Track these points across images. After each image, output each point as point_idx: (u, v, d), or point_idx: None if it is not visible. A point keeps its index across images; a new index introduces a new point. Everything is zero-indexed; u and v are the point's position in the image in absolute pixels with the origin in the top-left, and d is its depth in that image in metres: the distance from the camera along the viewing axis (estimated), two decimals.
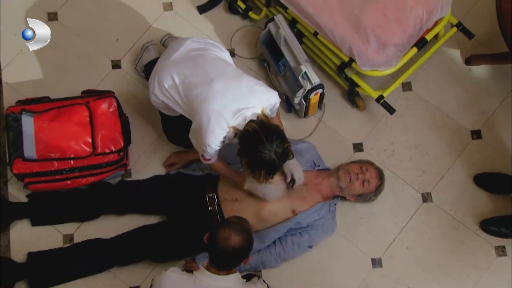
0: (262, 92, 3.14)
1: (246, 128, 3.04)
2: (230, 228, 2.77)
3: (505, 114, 3.80)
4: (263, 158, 2.92)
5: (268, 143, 2.93)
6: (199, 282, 2.82)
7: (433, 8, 3.41)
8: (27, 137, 3.42)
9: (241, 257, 2.86)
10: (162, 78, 3.26)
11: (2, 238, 3.54)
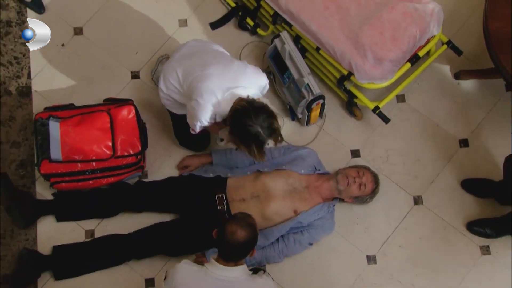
0: (251, 73, 3.21)
1: (236, 105, 3.06)
2: (236, 223, 2.79)
3: (490, 124, 3.81)
4: (250, 131, 2.94)
5: (254, 118, 2.94)
6: (210, 273, 2.84)
7: (426, 27, 3.44)
8: (53, 140, 3.44)
9: (247, 249, 2.87)
10: (167, 74, 3.32)
11: (30, 233, 3.56)
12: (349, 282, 3.57)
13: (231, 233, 2.78)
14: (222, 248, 2.88)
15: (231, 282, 2.86)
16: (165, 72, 3.38)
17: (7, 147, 3.72)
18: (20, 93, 3.89)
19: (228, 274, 2.86)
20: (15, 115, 3.82)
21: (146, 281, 3.54)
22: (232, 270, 2.85)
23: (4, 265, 3.51)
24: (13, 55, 3.90)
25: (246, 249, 2.87)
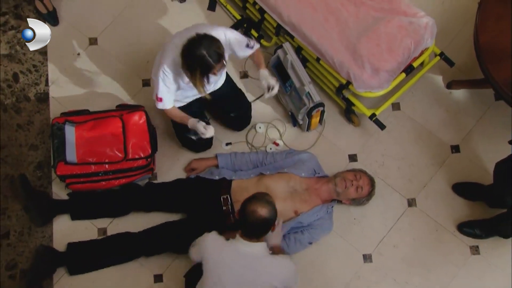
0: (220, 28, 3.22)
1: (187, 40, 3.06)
2: (256, 202, 2.83)
3: (480, 132, 3.82)
4: (195, 56, 2.95)
5: (198, 44, 2.95)
6: (234, 246, 2.91)
7: (420, 40, 3.45)
8: (69, 144, 3.47)
9: (267, 226, 2.90)
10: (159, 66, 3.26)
11: (46, 230, 3.58)
12: (346, 279, 3.57)
13: (251, 212, 2.81)
14: (244, 226, 2.91)
15: (253, 257, 2.91)
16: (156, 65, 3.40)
17: (25, 150, 3.74)
18: (38, 99, 3.89)
19: (249, 249, 2.90)
20: (34, 120, 3.84)
21: (155, 277, 3.55)
22: (254, 246, 2.90)
23: (22, 261, 3.53)
24: (32, 63, 3.92)
25: (266, 226, 2.89)
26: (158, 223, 3.59)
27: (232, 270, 2.90)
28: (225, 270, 2.92)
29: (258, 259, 2.92)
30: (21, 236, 3.58)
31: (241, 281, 2.91)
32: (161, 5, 4.08)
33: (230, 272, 2.89)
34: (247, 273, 2.93)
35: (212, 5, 4.05)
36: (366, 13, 3.52)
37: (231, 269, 2.90)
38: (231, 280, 2.88)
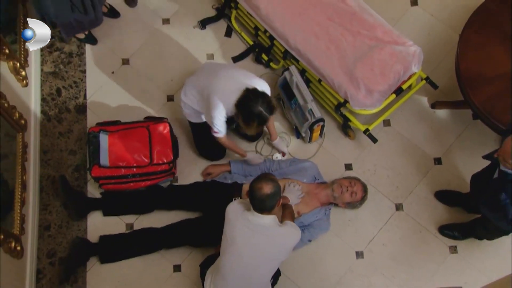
0: (254, 78, 3.26)
1: (240, 95, 3.08)
2: (261, 180, 2.86)
3: (459, 146, 3.83)
4: (253, 112, 3.00)
5: (255, 100, 3.02)
6: (248, 217, 2.91)
7: (408, 65, 3.49)
8: (102, 150, 3.52)
9: (274, 200, 2.88)
10: (186, 87, 3.39)
11: (82, 224, 3.63)
12: (341, 273, 3.59)
13: (258, 189, 2.83)
14: (254, 202, 2.90)
15: (264, 227, 2.91)
16: (185, 85, 3.45)
17: (65, 154, 3.78)
18: (78, 110, 3.92)
19: (262, 221, 2.90)
20: (73, 129, 3.87)
21: (174, 267, 3.57)
22: (264, 218, 2.90)
23: (61, 250, 3.59)
24: (73, 80, 3.95)
25: (273, 200, 2.88)
26: (178, 220, 3.60)
27: (244, 235, 2.93)
28: (237, 233, 2.93)
29: (268, 229, 2.93)
30: (60, 228, 3.63)
31: (251, 245, 2.92)
32: (184, 31, 4.10)
33: (242, 236, 2.90)
34: (256, 239, 2.93)
35: (229, 32, 4.06)
36: (362, 42, 3.54)
37: (244, 233, 2.93)
38: (242, 242, 2.90)
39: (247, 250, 2.90)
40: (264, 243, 2.89)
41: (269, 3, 3.64)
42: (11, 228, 3.26)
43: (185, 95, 3.42)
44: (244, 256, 2.91)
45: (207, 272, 3.17)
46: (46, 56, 4.00)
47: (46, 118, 3.89)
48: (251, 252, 2.90)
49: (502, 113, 3.26)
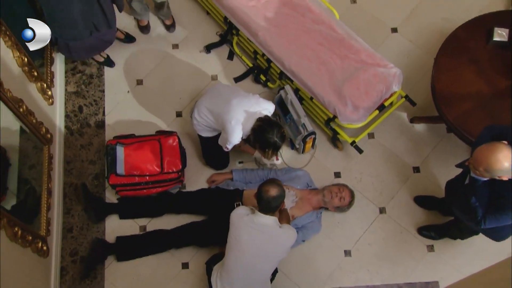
0: (263, 102, 3.27)
1: (255, 125, 3.12)
2: (268, 184, 2.91)
3: (435, 157, 3.87)
4: (269, 142, 3.06)
5: (270, 132, 3.05)
6: (253, 219, 2.93)
7: (390, 85, 3.54)
8: (119, 160, 3.55)
9: (278, 202, 2.92)
10: (200, 107, 3.37)
11: (100, 226, 3.66)
12: (331, 269, 3.61)
13: (265, 191, 2.87)
14: (261, 203, 2.92)
15: (267, 227, 2.94)
16: (198, 106, 3.41)
17: (86, 164, 3.81)
18: (97, 125, 3.93)
19: (266, 221, 2.93)
20: (93, 141, 3.89)
21: (182, 264, 3.59)
22: (269, 218, 2.93)
23: (82, 249, 3.61)
24: (93, 98, 3.98)
25: (278, 201, 2.91)
26: (186, 223, 3.62)
27: (249, 236, 2.94)
28: (243, 235, 2.95)
29: (270, 228, 2.95)
30: (81, 230, 3.65)
31: (255, 244, 2.95)
32: (191, 55, 4.14)
33: (247, 237, 2.93)
34: (259, 237, 2.94)
35: (231, 56, 4.10)
36: (349, 64, 3.58)
37: (249, 234, 2.94)
38: (247, 243, 2.93)
39: (250, 249, 2.93)
40: (266, 242, 2.92)
41: (267, 31, 3.67)
42: (38, 230, 3.28)
43: (199, 115, 3.40)
44: (248, 254, 2.94)
45: (214, 268, 3.20)
46: (70, 78, 4.03)
47: (69, 132, 3.90)
48: (254, 250, 2.94)
49: (472, 127, 3.28)
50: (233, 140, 3.17)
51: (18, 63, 3.16)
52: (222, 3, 3.77)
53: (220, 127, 3.28)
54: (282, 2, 3.74)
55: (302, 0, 3.72)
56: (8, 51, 3.05)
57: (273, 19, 3.71)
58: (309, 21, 3.70)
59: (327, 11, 3.73)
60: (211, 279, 3.19)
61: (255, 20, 3.70)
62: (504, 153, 2.41)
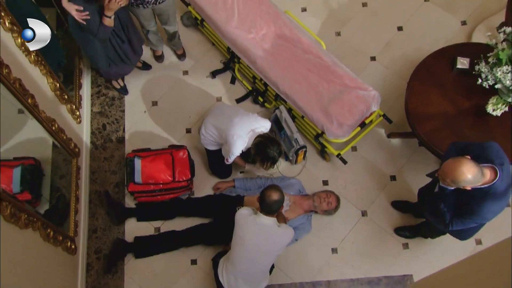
0: (261, 120, 3.28)
1: (257, 140, 3.14)
2: (270, 189, 2.89)
3: (409, 167, 3.89)
4: (269, 156, 3.08)
5: (271, 148, 3.07)
6: (255, 219, 2.93)
7: (369, 105, 3.57)
8: (137, 170, 3.59)
9: (279, 205, 2.90)
10: (207, 124, 3.39)
11: (120, 228, 3.68)
12: (320, 264, 3.64)
13: (268, 196, 2.85)
14: (263, 205, 2.90)
15: (268, 226, 2.92)
16: (205, 123, 3.42)
17: (108, 174, 3.84)
18: (118, 141, 3.94)
19: (266, 221, 2.92)
20: (114, 154, 3.91)
21: (191, 261, 3.61)
22: (269, 219, 2.92)
23: (105, 248, 3.64)
24: (115, 117, 4.01)
25: (278, 205, 2.89)
26: (194, 225, 3.63)
27: (252, 234, 2.94)
28: (246, 234, 2.95)
29: (270, 228, 2.93)
30: (104, 231, 3.68)
31: (257, 241, 2.95)
32: (199, 80, 4.15)
33: (250, 235, 2.94)
34: (262, 237, 2.93)
35: (233, 80, 4.12)
36: (334, 87, 3.61)
37: (252, 233, 2.93)
38: (250, 240, 2.93)
39: (253, 245, 2.95)
40: (266, 239, 2.94)
41: (264, 59, 3.72)
42: (68, 231, 3.32)
43: (205, 131, 3.41)
44: (250, 249, 2.96)
45: (220, 261, 3.22)
46: (95, 100, 4.06)
47: (94, 147, 3.92)
48: (256, 246, 2.95)
49: (439, 142, 3.32)
50: (235, 152, 3.19)
51: (51, 88, 3.22)
52: (226, 36, 3.82)
53: (223, 141, 3.30)
54: (277, 35, 3.77)
55: (293, 33, 3.74)
56: (43, 78, 3.11)
57: (269, 49, 3.75)
58: (300, 51, 3.72)
59: (315, 42, 3.77)
60: (217, 271, 3.21)
61: (254, 50, 3.74)
62: (467, 166, 2.42)
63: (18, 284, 2.48)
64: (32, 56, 2.89)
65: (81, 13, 2.93)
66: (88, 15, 2.96)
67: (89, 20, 2.99)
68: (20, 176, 2.72)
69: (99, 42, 3.24)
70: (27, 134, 2.88)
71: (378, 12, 4.34)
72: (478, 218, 2.64)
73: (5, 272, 2.32)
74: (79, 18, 2.94)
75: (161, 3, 3.45)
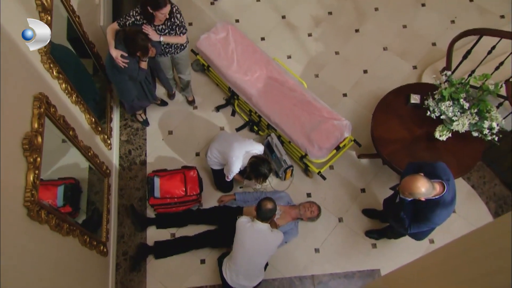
0: (256, 144, 3.26)
1: (250, 160, 3.13)
2: (266, 200, 2.88)
3: (375, 181, 3.89)
4: (261, 173, 3.08)
5: (262, 166, 3.07)
6: (253, 226, 2.91)
7: (343, 133, 3.60)
8: (156, 187, 3.59)
9: (272, 213, 2.89)
10: (212, 149, 3.37)
11: (143, 234, 3.67)
12: (305, 262, 3.63)
13: (264, 205, 2.85)
14: (259, 213, 2.88)
15: (263, 231, 2.90)
16: (210, 148, 3.40)
17: (133, 190, 3.83)
18: (141, 163, 3.93)
19: (262, 227, 2.91)
20: (138, 174, 3.89)
21: (200, 260, 3.59)
22: (264, 225, 2.91)
23: (130, 250, 3.63)
24: (138, 144, 4.01)
25: (272, 213, 2.88)
26: (203, 231, 3.61)
27: (250, 237, 2.92)
28: (245, 237, 2.93)
29: (265, 232, 2.92)
30: (130, 237, 3.67)
31: (254, 244, 2.93)
32: (206, 113, 4.14)
33: (248, 238, 2.92)
34: (258, 240, 2.92)
35: (233, 113, 4.12)
36: (314, 118, 3.62)
37: (250, 236, 2.92)
38: (248, 242, 2.93)
39: (251, 247, 2.95)
40: (261, 242, 2.94)
41: (258, 96, 3.73)
42: (100, 237, 3.32)
43: (211, 154, 3.40)
44: (249, 250, 2.97)
45: (224, 261, 3.21)
46: (123, 131, 4.06)
47: (122, 168, 3.92)
48: (253, 248, 2.95)
49: (399, 161, 3.33)
50: (234, 170, 3.19)
51: (88, 122, 3.25)
52: (227, 78, 3.86)
53: (225, 162, 3.31)
54: (268, 77, 3.79)
55: (281, 76, 3.77)
56: (82, 115, 3.14)
57: (262, 88, 3.77)
58: (286, 90, 3.73)
59: (298, 83, 3.80)
60: (222, 269, 3.20)
61: (250, 89, 3.76)
62: (421, 182, 2.44)
63: (62, 280, 2.49)
64: (73, 97, 2.94)
65: (124, 59, 3.07)
66: (130, 63, 3.11)
67: (131, 67, 3.14)
68: (63, 193, 2.72)
69: (131, 81, 3.32)
70: (68, 159, 2.90)
71: (348, 59, 4.40)
72: (431, 223, 2.65)
73: (51, 271, 2.34)
74: (121, 63, 3.08)
75: (178, 53, 3.54)
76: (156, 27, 3.20)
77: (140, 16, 3.13)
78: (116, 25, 3.15)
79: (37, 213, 2.15)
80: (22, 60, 2.27)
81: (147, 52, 3.08)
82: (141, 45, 3.01)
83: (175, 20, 3.20)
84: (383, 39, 4.47)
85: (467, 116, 3.04)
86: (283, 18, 4.55)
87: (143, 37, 3.01)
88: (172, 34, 3.28)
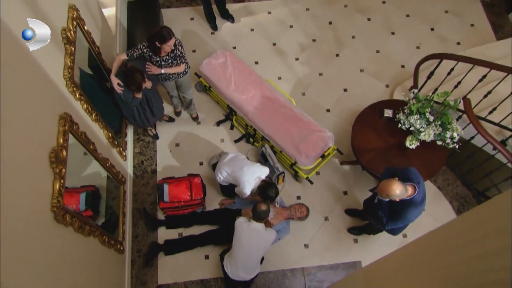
0: (262, 168, 3.23)
1: (260, 184, 3.11)
2: (260, 203, 2.90)
3: (356, 185, 3.89)
4: (269, 196, 3.06)
5: (270, 190, 3.05)
6: (250, 225, 2.91)
7: (327, 143, 3.60)
8: (165, 193, 3.56)
9: (266, 214, 2.89)
10: (221, 171, 3.33)
11: (154, 234, 3.65)
12: (296, 256, 3.62)
13: (259, 207, 2.87)
14: (255, 214, 2.87)
15: (258, 230, 2.91)
16: (220, 170, 3.33)
17: (145, 196, 3.81)
18: (152, 172, 3.90)
19: (257, 226, 2.91)
20: (149, 181, 3.87)
21: (205, 256, 3.58)
22: (259, 224, 2.92)
23: (143, 248, 3.61)
24: (150, 155, 3.94)
25: (266, 214, 2.88)
26: (206, 230, 3.59)
27: (247, 236, 2.92)
28: (243, 236, 2.93)
29: (260, 231, 2.92)
30: (143, 236, 3.65)
31: (251, 241, 2.92)
32: (208, 128, 4.12)
33: (246, 236, 2.92)
34: (254, 237, 2.92)
35: (232, 127, 4.08)
36: (302, 131, 3.62)
37: (247, 235, 2.91)
38: (246, 240, 2.92)
39: (248, 244, 2.96)
40: (257, 239, 2.95)
41: (253, 112, 3.73)
42: (117, 237, 3.32)
43: (221, 175, 3.34)
44: (246, 247, 2.98)
45: (225, 257, 3.21)
46: (136, 144, 4.05)
47: (135, 177, 3.90)
48: (250, 245, 2.96)
49: (376, 167, 3.33)
50: (246, 192, 3.17)
51: (106, 137, 3.25)
52: (226, 97, 3.86)
53: (236, 183, 3.29)
54: (262, 96, 3.80)
55: (273, 94, 3.79)
56: (100, 131, 3.15)
57: (256, 105, 3.78)
58: (278, 106, 3.74)
59: (288, 100, 3.81)
60: (223, 264, 3.19)
61: (246, 106, 3.77)
62: (396, 185, 2.46)
63: (85, 275, 2.49)
64: (93, 115, 2.95)
65: (119, 87, 3.12)
66: (125, 91, 3.16)
67: (125, 95, 3.19)
68: (85, 199, 2.73)
69: (130, 107, 3.37)
70: (89, 169, 2.91)
71: (330, 79, 4.44)
72: (405, 220, 2.67)
73: (75, 268, 2.34)
74: (117, 89, 3.13)
75: (181, 77, 3.57)
76: (161, 58, 3.24)
77: (146, 49, 3.16)
78: (125, 55, 3.18)
79: (62, 217, 2.16)
80: (51, 85, 2.30)
81: (140, 89, 3.14)
82: (136, 82, 3.08)
83: (177, 52, 3.24)
84: (359, 62, 4.53)
85: (432, 128, 3.07)
86: (274, 45, 4.61)
87: (139, 77, 3.07)
88: (174, 63, 3.32)
